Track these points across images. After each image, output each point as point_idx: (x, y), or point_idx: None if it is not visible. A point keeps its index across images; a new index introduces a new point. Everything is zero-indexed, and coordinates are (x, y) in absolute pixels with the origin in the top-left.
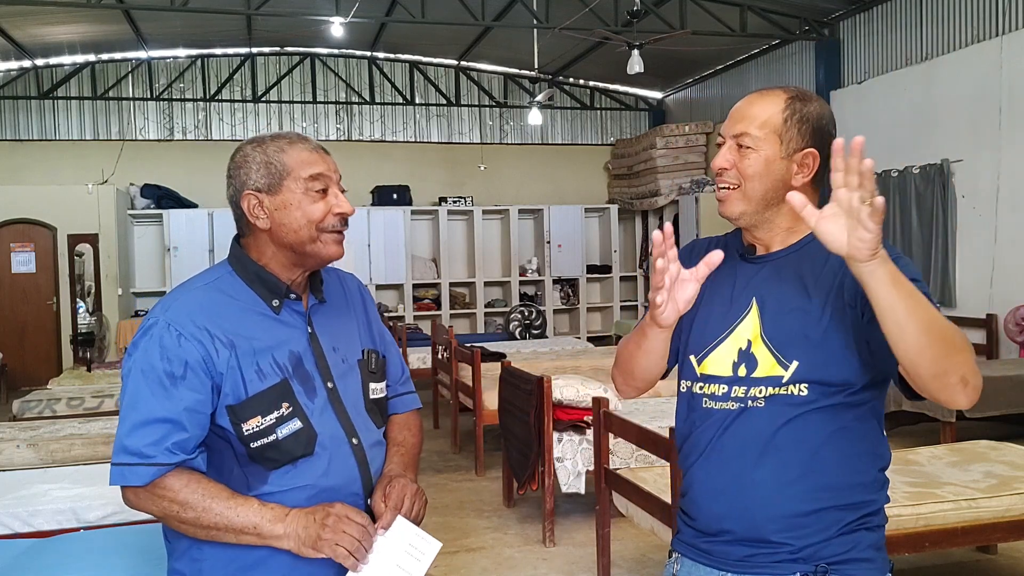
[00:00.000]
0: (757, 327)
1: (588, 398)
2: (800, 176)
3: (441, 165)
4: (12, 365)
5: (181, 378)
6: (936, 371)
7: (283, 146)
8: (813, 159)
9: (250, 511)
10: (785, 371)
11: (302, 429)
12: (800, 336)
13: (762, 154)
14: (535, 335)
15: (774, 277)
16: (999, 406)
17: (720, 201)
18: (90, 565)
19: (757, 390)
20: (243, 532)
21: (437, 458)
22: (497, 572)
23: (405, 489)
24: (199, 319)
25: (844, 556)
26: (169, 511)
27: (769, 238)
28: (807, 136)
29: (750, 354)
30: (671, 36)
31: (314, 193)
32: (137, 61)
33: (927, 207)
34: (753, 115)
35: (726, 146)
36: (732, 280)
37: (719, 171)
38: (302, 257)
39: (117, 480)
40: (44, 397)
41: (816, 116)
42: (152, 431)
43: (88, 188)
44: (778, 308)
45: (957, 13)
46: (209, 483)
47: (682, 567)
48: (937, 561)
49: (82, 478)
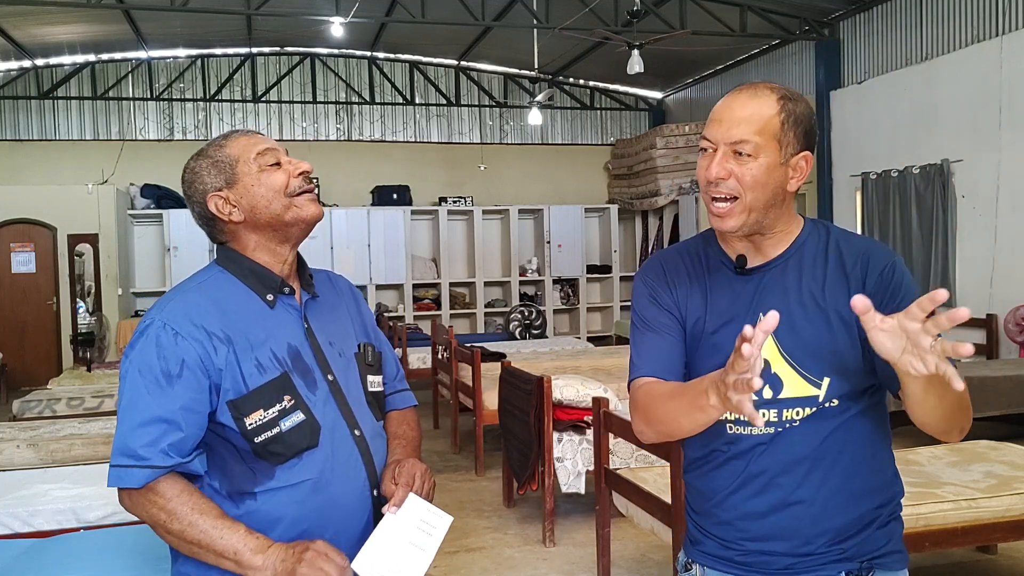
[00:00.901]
0: (774, 345)
1: (588, 398)
2: (795, 181)
3: (441, 165)
4: (12, 365)
5: (177, 376)
6: (943, 429)
7: (221, 143)
8: (807, 162)
9: (235, 537)
10: (819, 389)
11: (305, 421)
12: (823, 350)
13: (763, 161)
14: (535, 335)
15: (776, 288)
16: (999, 406)
17: (718, 216)
18: (90, 565)
19: (793, 412)
20: (223, 556)
21: (437, 458)
22: (497, 572)
23: (415, 468)
24: (195, 317)
25: (884, 550)
26: (157, 519)
27: (762, 243)
28: (802, 139)
29: (773, 375)
30: (671, 36)
31: (269, 167)
32: (137, 61)
33: (927, 207)
34: (749, 119)
35: (720, 153)
36: (732, 297)
37: (715, 181)
38: (285, 230)
39: (114, 482)
40: (44, 397)
41: (807, 117)
42: (148, 432)
43: (88, 188)
44: (791, 322)
45: (957, 13)
46: (201, 498)
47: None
48: (937, 561)
49: (82, 478)
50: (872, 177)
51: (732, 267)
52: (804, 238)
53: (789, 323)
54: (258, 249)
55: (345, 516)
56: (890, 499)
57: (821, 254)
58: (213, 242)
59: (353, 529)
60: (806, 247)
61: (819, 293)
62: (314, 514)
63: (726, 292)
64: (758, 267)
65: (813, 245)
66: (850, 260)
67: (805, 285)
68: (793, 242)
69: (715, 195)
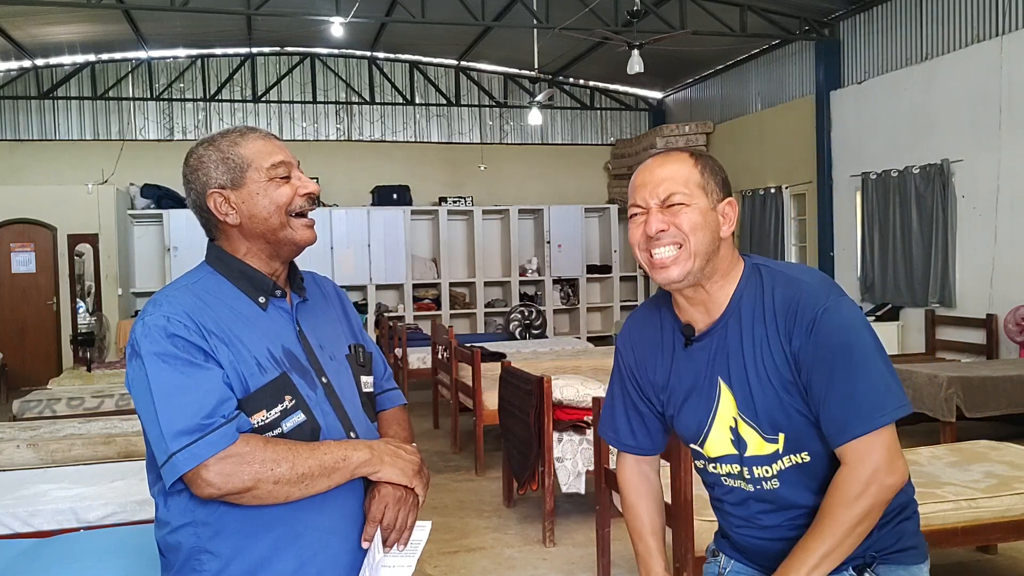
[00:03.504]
0: (733, 406)
1: (588, 398)
2: (726, 227)
3: (441, 165)
4: (12, 365)
5: (204, 359)
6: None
7: (236, 139)
8: (732, 208)
9: (332, 447)
10: (776, 444)
11: (306, 422)
12: (773, 409)
13: (696, 207)
14: (535, 335)
15: (723, 351)
16: (999, 406)
17: (663, 268)
18: (90, 565)
19: (761, 470)
20: (335, 469)
21: (437, 458)
22: (497, 572)
23: (384, 499)
24: (194, 315)
25: (894, 547)
26: (262, 472)
27: (706, 299)
28: (721, 187)
29: (738, 434)
30: (671, 36)
31: (279, 180)
32: (137, 61)
33: (927, 207)
34: (672, 176)
35: (653, 211)
36: (689, 361)
37: (655, 236)
38: (276, 246)
39: (188, 462)
40: (44, 397)
41: (720, 168)
42: (200, 404)
43: (88, 188)
44: (743, 384)
45: (957, 13)
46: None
47: (730, 568)
48: (937, 561)
49: (82, 478)
50: (872, 177)
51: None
52: (741, 291)
53: (742, 385)
54: (249, 255)
55: (341, 516)
56: (895, 507)
57: (759, 309)
58: (206, 234)
59: (348, 529)
60: (743, 303)
61: (760, 353)
62: (311, 514)
63: (684, 357)
64: (705, 333)
65: (750, 299)
66: (781, 316)
67: (748, 346)
68: (732, 296)
69: (657, 249)
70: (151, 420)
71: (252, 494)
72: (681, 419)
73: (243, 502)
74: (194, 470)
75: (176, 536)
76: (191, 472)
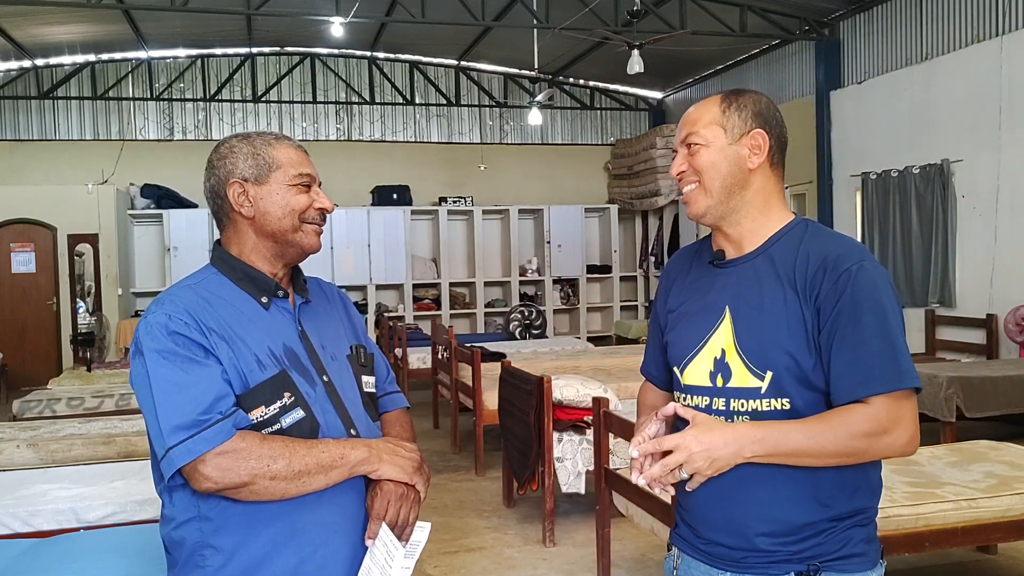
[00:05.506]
0: (731, 336)
1: (588, 398)
2: (756, 158)
3: (441, 165)
4: (12, 365)
5: (204, 356)
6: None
7: (270, 141)
8: (763, 139)
9: (331, 445)
10: (761, 382)
11: (305, 419)
12: (772, 346)
13: (711, 146)
14: (535, 335)
15: (744, 282)
16: (999, 406)
17: (686, 204)
18: (90, 565)
19: (738, 403)
20: (332, 467)
21: (437, 458)
22: (497, 572)
23: (387, 496)
24: (195, 313)
25: (837, 554)
26: (259, 467)
27: (738, 234)
28: (748, 120)
29: (724, 363)
30: (671, 36)
31: (300, 188)
32: (137, 61)
33: (927, 207)
34: (695, 119)
35: (679, 153)
36: (706, 288)
37: (678, 177)
38: (283, 247)
39: (184, 457)
40: (44, 397)
41: (752, 102)
42: (198, 400)
43: (88, 188)
44: (750, 316)
45: (957, 13)
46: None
47: (682, 563)
48: (937, 561)
49: (82, 478)
50: (872, 177)
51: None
52: (782, 235)
53: (748, 316)
54: (254, 253)
55: (342, 513)
56: (851, 514)
57: (791, 255)
58: (215, 223)
59: (349, 525)
60: (780, 245)
61: (782, 293)
62: (311, 511)
63: (702, 282)
64: (731, 261)
65: (787, 244)
66: (812, 265)
67: (772, 283)
68: (769, 237)
69: (682, 188)
70: (151, 415)
71: (249, 489)
72: (675, 336)
73: (241, 498)
74: (191, 464)
75: (180, 531)
76: (189, 466)
